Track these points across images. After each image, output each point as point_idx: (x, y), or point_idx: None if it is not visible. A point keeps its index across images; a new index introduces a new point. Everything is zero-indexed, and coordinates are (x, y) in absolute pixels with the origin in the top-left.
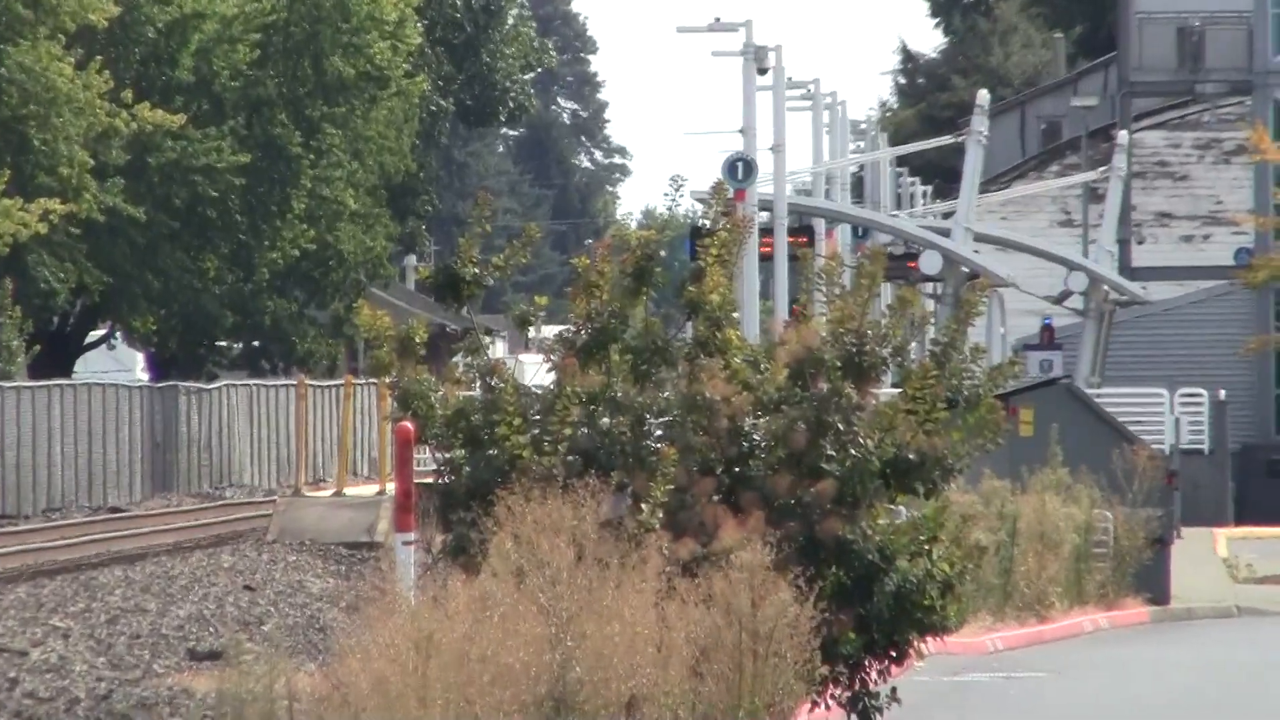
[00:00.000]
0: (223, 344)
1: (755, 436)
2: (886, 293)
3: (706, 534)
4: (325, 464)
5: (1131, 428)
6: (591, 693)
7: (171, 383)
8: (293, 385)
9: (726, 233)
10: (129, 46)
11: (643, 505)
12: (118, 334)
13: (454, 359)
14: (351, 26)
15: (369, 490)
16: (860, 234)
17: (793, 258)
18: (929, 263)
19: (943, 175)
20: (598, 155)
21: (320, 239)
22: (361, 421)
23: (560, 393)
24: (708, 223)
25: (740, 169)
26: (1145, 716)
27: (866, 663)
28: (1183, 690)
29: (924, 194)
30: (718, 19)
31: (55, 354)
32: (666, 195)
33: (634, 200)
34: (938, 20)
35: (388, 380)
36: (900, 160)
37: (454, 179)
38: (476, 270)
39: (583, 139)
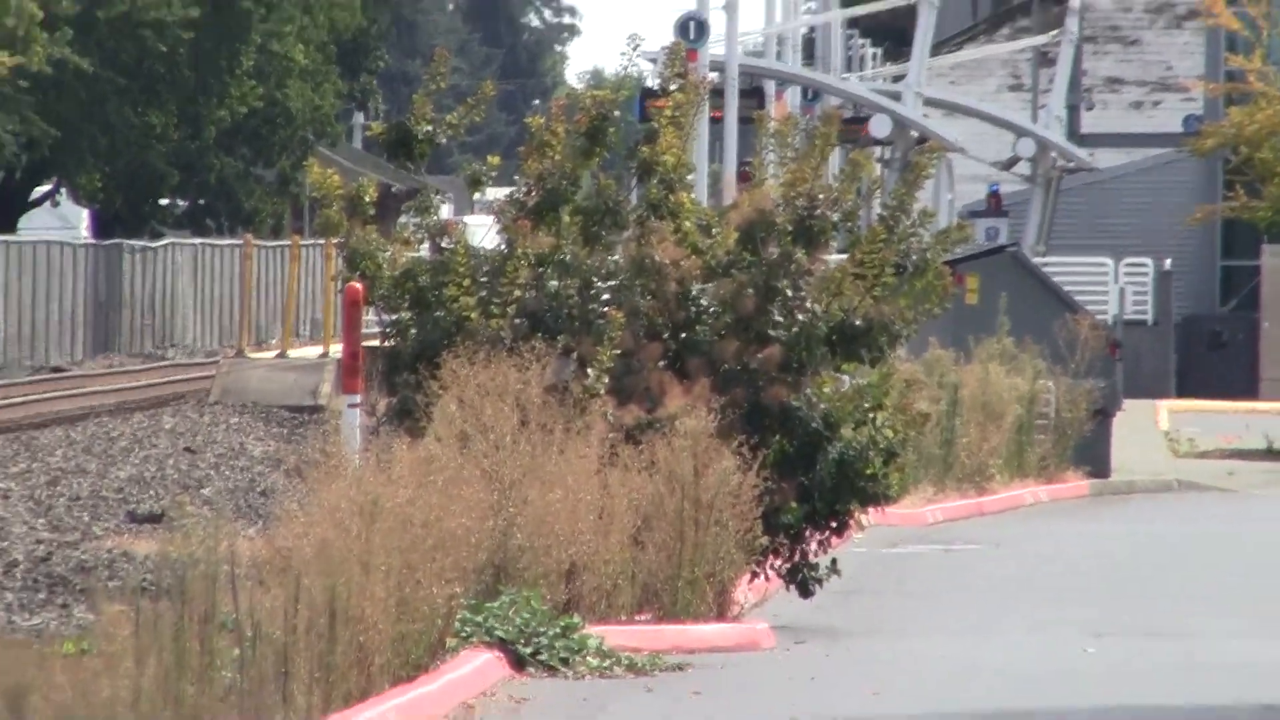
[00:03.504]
0: (167, 202)
1: (703, 301)
2: (835, 158)
3: (652, 400)
4: (269, 325)
5: (1076, 297)
6: (532, 560)
7: (115, 241)
8: (238, 245)
9: (681, 94)
10: None
11: (589, 370)
12: (63, 190)
13: (403, 219)
14: None
15: (313, 352)
16: (810, 97)
17: (743, 120)
18: (878, 127)
19: (893, 38)
20: (547, 14)
21: (269, 96)
22: (306, 282)
23: (511, 254)
24: (659, 84)
25: (693, 28)
26: (1076, 587)
27: (807, 533)
28: (1114, 562)
29: (874, 56)
30: None
31: None
32: (622, 55)
33: (583, 61)
34: None
35: (336, 240)
36: (851, 22)
37: (403, 37)
38: (430, 128)
39: None
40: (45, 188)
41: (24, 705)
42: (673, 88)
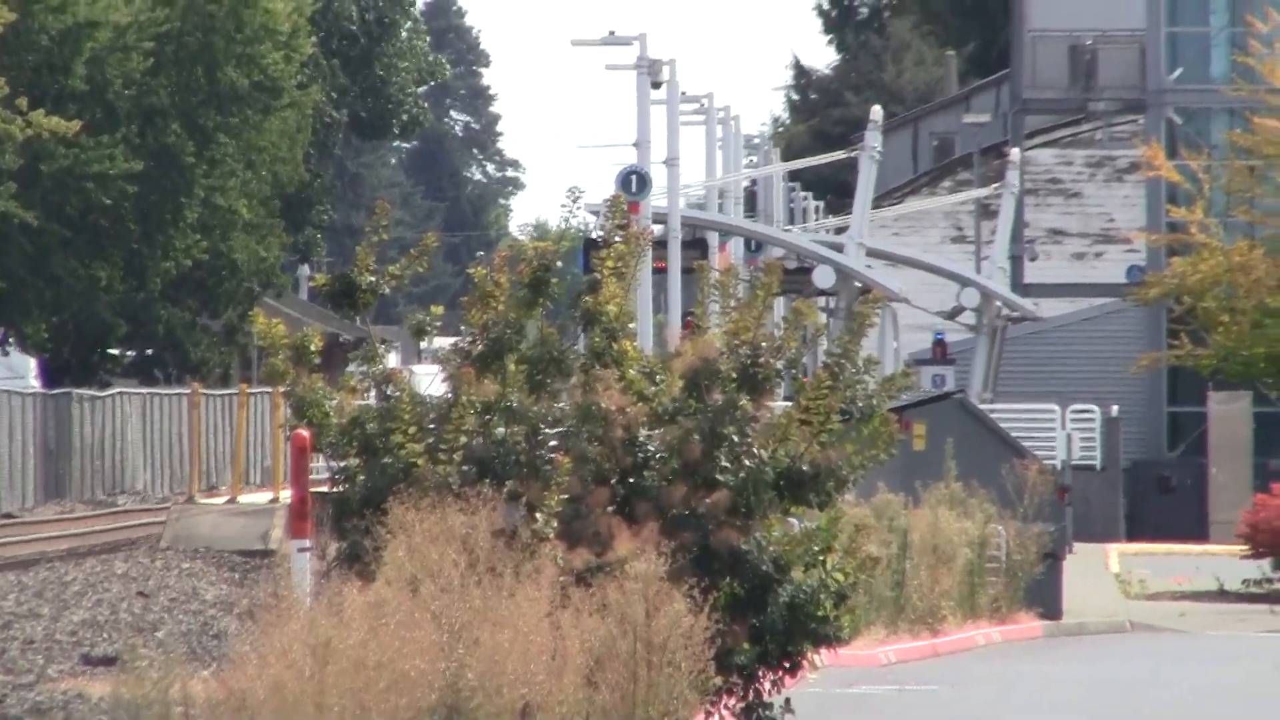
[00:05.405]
0: (116, 352)
1: (650, 447)
2: (780, 307)
3: (601, 544)
4: (219, 471)
5: (1024, 443)
6: (484, 700)
7: (65, 390)
8: (186, 393)
9: (624, 245)
10: (23, 54)
11: (537, 515)
12: (10, 340)
13: (349, 367)
14: (245, 36)
15: (262, 498)
16: (753, 248)
17: (686, 271)
18: (822, 277)
19: (835, 190)
20: (490, 168)
21: (213, 248)
22: (255, 430)
23: (456, 401)
24: (602, 235)
25: (635, 182)
26: None
27: (760, 673)
28: (1069, 705)
29: (816, 209)
30: (612, 33)
31: None
32: (564, 207)
33: (526, 213)
34: (830, 36)
35: (283, 388)
36: (793, 175)
37: (347, 190)
38: (373, 278)
39: (475, 151)
40: None
41: None
42: (615, 239)
